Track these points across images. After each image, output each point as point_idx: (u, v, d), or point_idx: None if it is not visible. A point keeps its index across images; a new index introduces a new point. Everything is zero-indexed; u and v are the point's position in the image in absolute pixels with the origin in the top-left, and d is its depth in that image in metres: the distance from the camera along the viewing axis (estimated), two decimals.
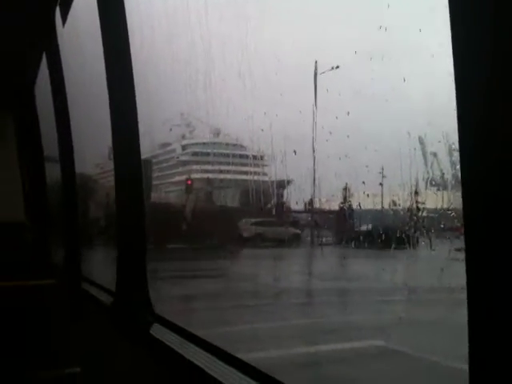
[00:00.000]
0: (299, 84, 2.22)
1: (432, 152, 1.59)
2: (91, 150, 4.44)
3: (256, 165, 3.03)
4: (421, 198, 1.71)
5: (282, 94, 2.02)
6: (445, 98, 0.82)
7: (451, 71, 0.75)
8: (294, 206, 3.37)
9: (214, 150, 4.46)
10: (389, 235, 2.13)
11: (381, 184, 1.89)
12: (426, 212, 1.76)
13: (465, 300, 0.74)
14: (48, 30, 3.56)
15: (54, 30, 3.54)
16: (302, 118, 2.05)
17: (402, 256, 1.94)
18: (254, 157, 2.99)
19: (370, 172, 1.75)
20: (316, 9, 1.75)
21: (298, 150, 2.13)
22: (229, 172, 3.91)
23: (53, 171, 4.50)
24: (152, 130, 3.56)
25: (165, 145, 5.60)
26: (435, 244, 1.68)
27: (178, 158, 5.42)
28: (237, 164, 3.71)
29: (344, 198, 2.22)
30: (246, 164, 3.45)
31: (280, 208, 3.52)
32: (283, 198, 3.18)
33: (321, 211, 2.94)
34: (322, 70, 2.03)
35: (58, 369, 3.42)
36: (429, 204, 1.73)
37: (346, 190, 2.16)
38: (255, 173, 3.09)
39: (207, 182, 5.14)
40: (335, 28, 1.89)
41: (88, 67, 3.36)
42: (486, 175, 0.73)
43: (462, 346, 0.74)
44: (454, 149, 0.85)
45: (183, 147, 5.32)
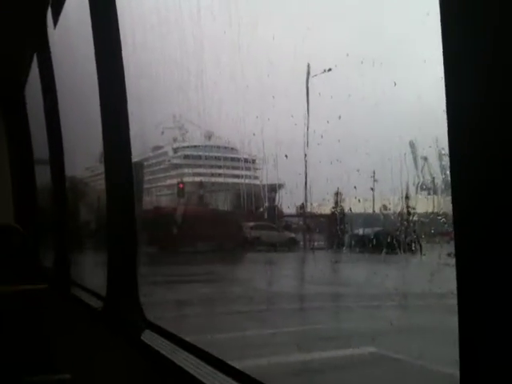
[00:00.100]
0: (291, 87, 2.22)
1: (423, 156, 1.60)
2: (81, 152, 4.41)
3: (247, 168, 3.03)
4: (412, 202, 1.71)
5: (274, 97, 2.02)
6: (436, 103, 0.82)
7: (442, 77, 0.75)
8: (285, 210, 3.37)
9: (206, 153, 4.46)
10: (380, 240, 2.13)
11: (372, 189, 1.89)
12: (417, 216, 1.76)
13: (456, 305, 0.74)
14: (39, 30, 3.54)
15: (45, 30, 3.51)
16: (293, 122, 2.05)
17: (393, 260, 1.95)
18: (246, 160, 2.99)
19: (361, 176, 1.76)
20: (309, 12, 1.75)
21: (289, 154, 2.12)
22: (220, 175, 3.90)
23: (43, 174, 4.46)
24: (144, 133, 3.54)
25: (156, 148, 5.58)
26: (425, 249, 1.68)
27: (169, 160, 5.41)
28: (228, 167, 3.71)
29: (336, 203, 2.22)
30: (237, 167, 3.45)
31: (272, 212, 3.52)
32: (275, 202, 3.18)
33: (313, 215, 2.94)
34: (314, 73, 2.03)
35: (47, 375, 3.38)
36: (420, 209, 1.73)
37: (337, 194, 2.15)
38: (247, 176, 3.09)
39: (199, 185, 5.12)
40: (328, 32, 1.89)
41: (79, 68, 3.34)
42: (475, 180, 0.73)
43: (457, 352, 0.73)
44: (444, 153, 0.84)
45: (175, 150, 5.31)
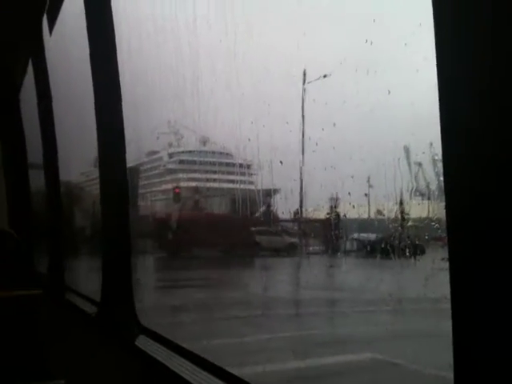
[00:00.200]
0: (286, 94, 2.23)
1: (416, 162, 1.61)
2: (76, 157, 4.40)
3: (242, 173, 3.03)
4: (406, 208, 1.72)
5: (269, 104, 2.03)
6: (429, 110, 0.83)
7: (435, 84, 0.76)
8: (281, 215, 3.37)
9: (201, 159, 4.45)
10: (375, 245, 2.14)
11: (366, 194, 1.90)
12: (412, 221, 1.78)
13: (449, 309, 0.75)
14: (35, 36, 3.54)
15: (40, 36, 3.52)
16: (288, 128, 2.06)
17: (390, 265, 1.95)
18: (241, 165, 2.99)
19: (356, 182, 1.77)
20: (303, 20, 1.77)
21: (284, 160, 2.13)
22: (215, 180, 3.90)
23: (37, 178, 4.44)
24: (139, 138, 3.54)
25: (151, 153, 5.57)
26: (420, 253, 1.69)
27: (164, 166, 5.40)
28: (223, 172, 3.71)
29: (331, 208, 2.23)
30: (232, 172, 3.45)
31: (268, 217, 3.53)
32: (270, 207, 3.19)
33: (308, 220, 2.94)
34: (309, 80, 2.04)
35: (42, 381, 3.35)
36: (414, 214, 1.74)
37: (333, 200, 2.16)
38: (242, 181, 3.09)
39: (195, 190, 5.11)
40: (323, 39, 1.91)
41: (74, 73, 3.34)
42: (468, 186, 0.73)
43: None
44: (438, 159, 0.85)
45: (170, 155, 5.30)
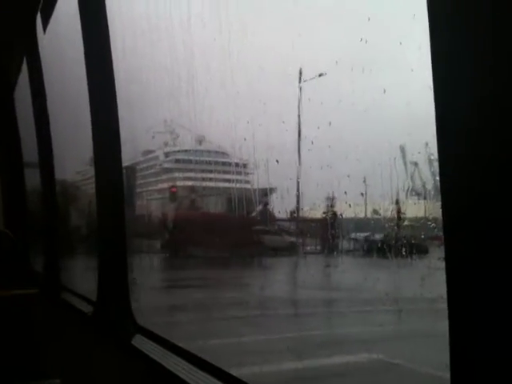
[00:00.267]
0: (282, 93, 2.23)
1: (412, 162, 1.61)
2: (72, 156, 4.38)
3: (239, 172, 3.03)
4: (402, 207, 1.73)
5: (265, 103, 2.03)
6: (425, 109, 0.83)
7: (430, 84, 0.76)
8: (277, 215, 3.37)
9: (197, 158, 4.45)
10: (372, 245, 2.15)
11: (362, 194, 1.90)
12: (408, 221, 1.78)
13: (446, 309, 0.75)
14: (29, 34, 3.52)
15: (34, 33, 3.50)
16: (284, 127, 2.06)
17: (387, 265, 1.96)
18: (237, 164, 2.99)
19: (352, 181, 1.77)
20: (298, 19, 1.77)
21: (280, 159, 2.13)
22: (211, 180, 3.90)
23: (33, 177, 4.42)
24: (134, 137, 3.53)
25: (147, 152, 5.56)
26: (416, 253, 1.69)
27: (160, 165, 5.39)
28: (220, 171, 3.70)
29: (327, 208, 2.23)
30: (228, 172, 3.44)
31: (264, 216, 3.53)
32: (267, 206, 3.18)
33: (305, 220, 2.95)
34: (305, 79, 2.04)
35: (37, 381, 3.34)
36: (410, 213, 1.74)
37: (329, 199, 2.17)
38: (238, 180, 3.08)
39: (191, 189, 5.10)
40: (319, 38, 1.91)
41: (69, 72, 3.32)
42: (464, 185, 0.74)
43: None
44: (434, 159, 0.86)
45: (166, 154, 5.29)
